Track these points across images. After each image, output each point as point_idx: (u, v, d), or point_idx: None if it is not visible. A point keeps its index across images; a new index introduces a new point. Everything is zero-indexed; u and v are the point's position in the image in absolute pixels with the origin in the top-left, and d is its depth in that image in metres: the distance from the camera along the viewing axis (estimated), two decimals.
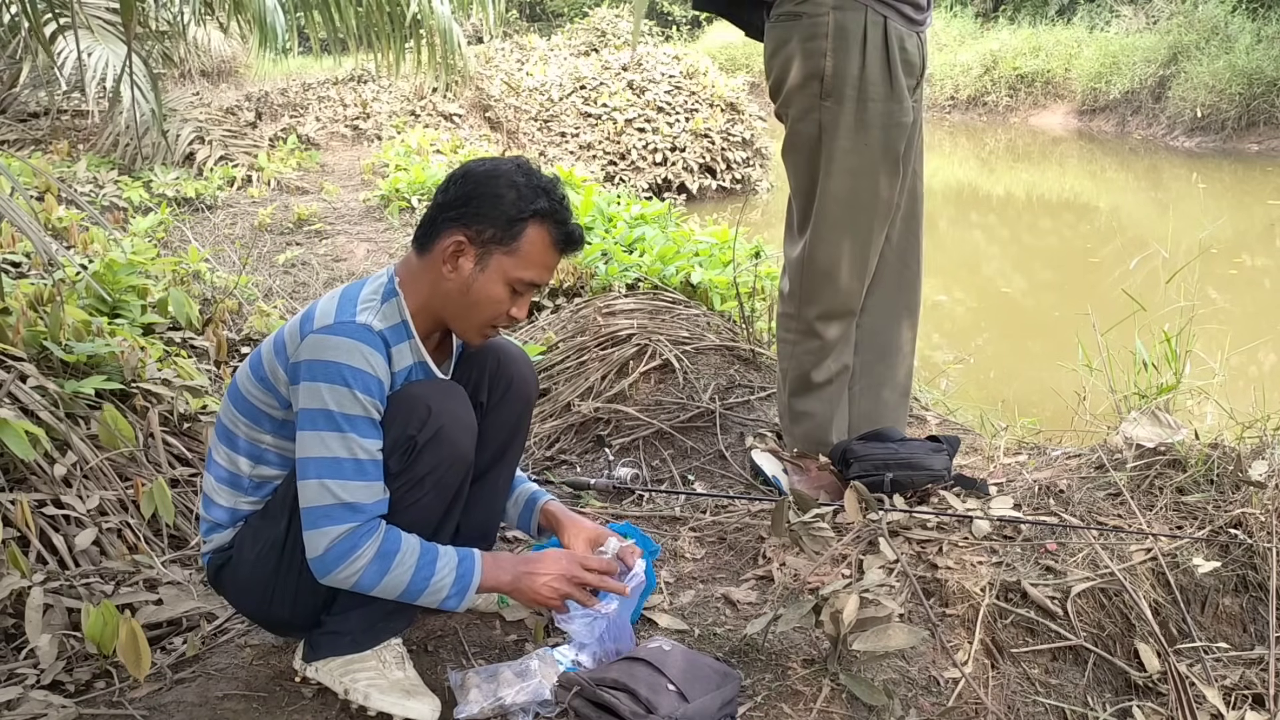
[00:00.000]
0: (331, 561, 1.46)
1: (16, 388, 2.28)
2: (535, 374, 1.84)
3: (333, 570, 1.47)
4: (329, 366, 1.48)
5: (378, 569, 1.47)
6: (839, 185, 2.16)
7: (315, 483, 1.47)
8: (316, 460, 1.47)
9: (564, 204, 1.60)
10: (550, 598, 1.60)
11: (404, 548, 1.49)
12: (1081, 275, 7.12)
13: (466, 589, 1.53)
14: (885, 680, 1.70)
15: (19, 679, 1.70)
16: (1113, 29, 15.00)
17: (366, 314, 1.55)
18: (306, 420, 1.49)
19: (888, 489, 2.19)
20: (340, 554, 1.46)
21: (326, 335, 1.50)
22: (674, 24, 23.53)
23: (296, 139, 8.43)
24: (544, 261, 1.60)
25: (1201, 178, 10.37)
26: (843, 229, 2.20)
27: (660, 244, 4.22)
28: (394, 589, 1.49)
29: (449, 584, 1.52)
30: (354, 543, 1.46)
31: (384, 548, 1.47)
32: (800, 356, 2.32)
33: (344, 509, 1.46)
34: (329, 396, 1.47)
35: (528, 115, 9.98)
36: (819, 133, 2.15)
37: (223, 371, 3.16)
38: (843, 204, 2.18)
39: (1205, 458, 2.19)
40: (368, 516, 1.48)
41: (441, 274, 1.59)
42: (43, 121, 7.60)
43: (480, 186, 1.57)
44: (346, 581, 1.48)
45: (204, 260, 4.23)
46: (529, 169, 1.60)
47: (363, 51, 4.83)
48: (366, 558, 1.46)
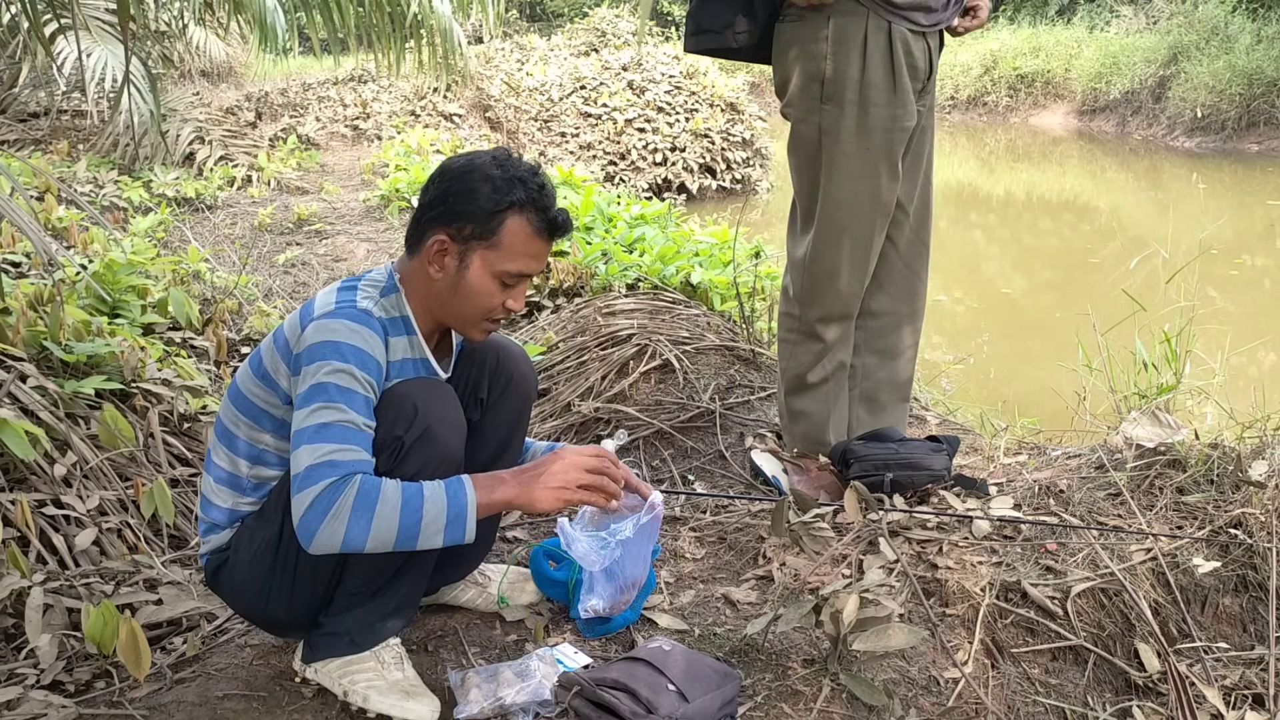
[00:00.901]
0: (313, 521, 1.38)
1: (16, 388, 2.28)
2: (534, 371, 1.84)
3: (316, 530, 1.38)
4: (327, 346, 1.48)
5: (361, 519, 1.38)
6: (840, 188, 2.16)
7: (301, 451, 1.42)
8: (306, 430, 1.43)
9: (543, 191, 1.59)
10: (563, 491, 1.49)
11: (384, 491, 1.40)
12: (1081, 275, 7.12)
13: (464, 513, 1.43)
14: (885, 680, 1.70)
15: (19, 679, 1.70)
16: (1113, 29, 15.01)
17: (366, 301, 1.56)
18: (302, 400, 1.47)
19: (888, 489, 2.19)
20: (319, 512, 1.38)
21: (327, 320, 1.51)
22: (674, 24, 23.53)
23: (296, 139, 8.44)
24: (528, 251, 1.59)
25: (1201, 178, 10.37)
26: (844, 231, 2.20)
27: (660, 244, 4.22)
28: (386, 536, 1.40)
29: (443, 514, 1.42)
30: (330, 497, 1.38)
31: (361, 496, 1.39)
32: (800, 357, 2.32)
33: (322, 467, 1.40)
34: (326, 374, 1.46)
35: (528, 115, 9.99)
36: (819, 135, 2.14)
37: (223, 371, 3.16)
38: (844, 207, 2.18)
39: (1205, 458, 2.19)
40: (344, 472, 1.40)
41: (430, 275, 1.59)
42: (43, 121, 7.60)
43: (455, 184, 1.57)
44: (334, 540, 1.39)
45: (204, 260, 4.24)
46: (505, 160, 1.59)
47: (363, 51, 4.83)
48: (346, 509, 1.38)
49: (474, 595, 1.92)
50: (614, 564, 1.59)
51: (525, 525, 2.30)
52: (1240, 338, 4.18)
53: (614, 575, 1.61)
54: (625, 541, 1.57)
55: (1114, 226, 9.05)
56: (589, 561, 1.58)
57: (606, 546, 1.56)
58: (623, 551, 1.57)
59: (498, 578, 1.93)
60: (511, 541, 2.21)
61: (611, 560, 1.57)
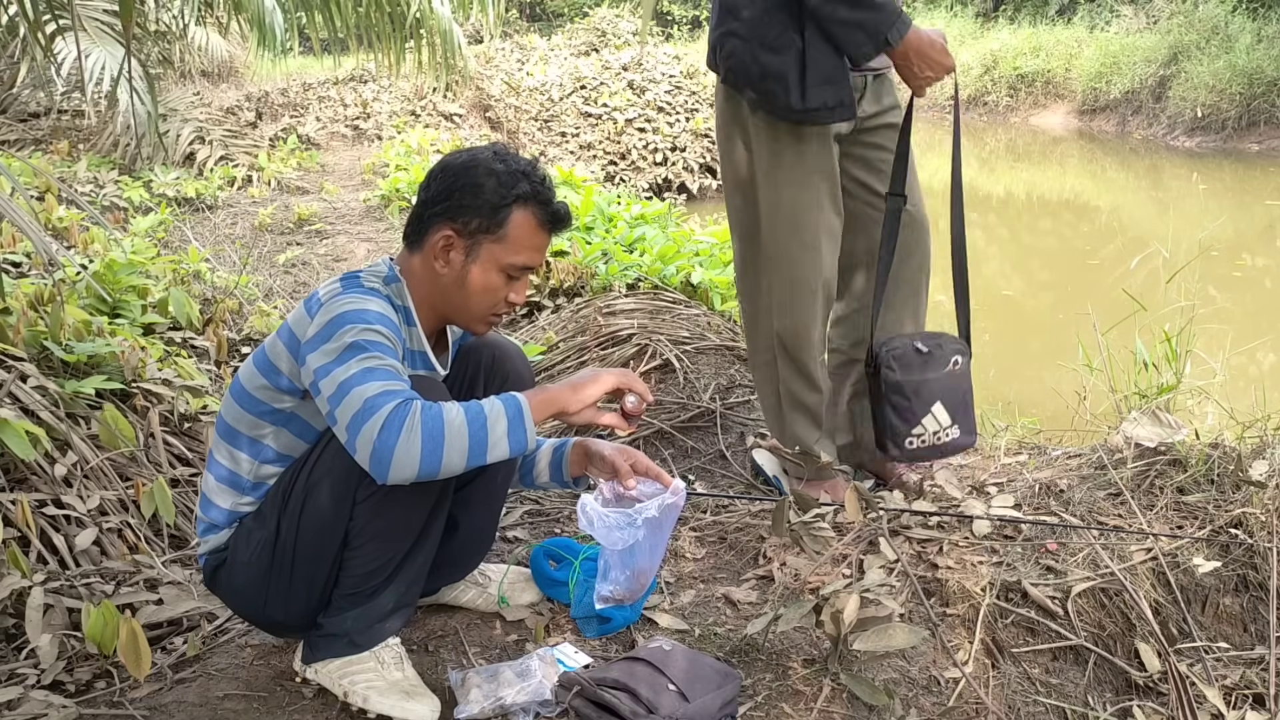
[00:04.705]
0: (388, 443, 1.34)
1: (17, 388, 2.28)
2: (531, 370, 1.84)
3: (392, 452, 1.34)
4: (343, 316, 1.47)
5: (434, 435, 1.36)
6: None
7: (347, 399, 1.39)
8: (351, 378, 1.40)
9: (545, 184, 1.60)
10: (600, 384, 1.51)
11: (446, 410, 1.39)
12: (1082, 275, 7.11)
13: (524, 424, 1.43)
14: (886, 680, 1.70)
15: (19, 679, 1.70)
16: (1113, 29, 14.99)
17: (372, 282, 1.57)
18: (338, 359, 1.43)
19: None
20: (392, 432, 1.34)
21: (338, 298, 1.51)
22: (674, 24, 23.53)
23: (297, 139, 8.44)
24: (533, 243, 1.61)
25: (1202, 178, 10.36)
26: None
27: (660, 244, 4.22)
28: (460, 448, 1.38)
29: (503, 418, 1.42)
30: (399, 418, 1.35)
31: (428, 416, 1.37)
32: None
33: (379, 397, 1.37)
34: (354, 335, 1.44)
35: (528, 115, 9.99)
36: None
37: (223, 371, 3.16)
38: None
39: (1206, 457, 2.19)
40: (404, 397, 1.39)
41: (435, 270, 1.60)
42: (43, 121, 7.61)
43: (460, 178, 1.58)
44: (411, 460, 1.35)
45: (204, 260, 4.24)
46: (506, 154, 1.61)
47: (363, 52, 4.84)
48: (417, 429, 1.35)
49: (474, 595, 1.92)
50: (632, 548, 1.55)
51: (525, 525, 2.30)
52: (1240, 338, 4.18)
53: (630, 561, 1.56)
54: (649, 520, 1.53)
55: (1114, 226, 9.04)
56: (611, 540, 1.54)
57: (631, 524, 1.53)
58: (645, 532, 1.53)
59: (498, 578, 1.93)
60: (511, 541, 2.21)
61: (634, 540, 1.54)
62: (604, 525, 1.54)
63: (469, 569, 1.90)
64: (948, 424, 2.15)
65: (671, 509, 1.59)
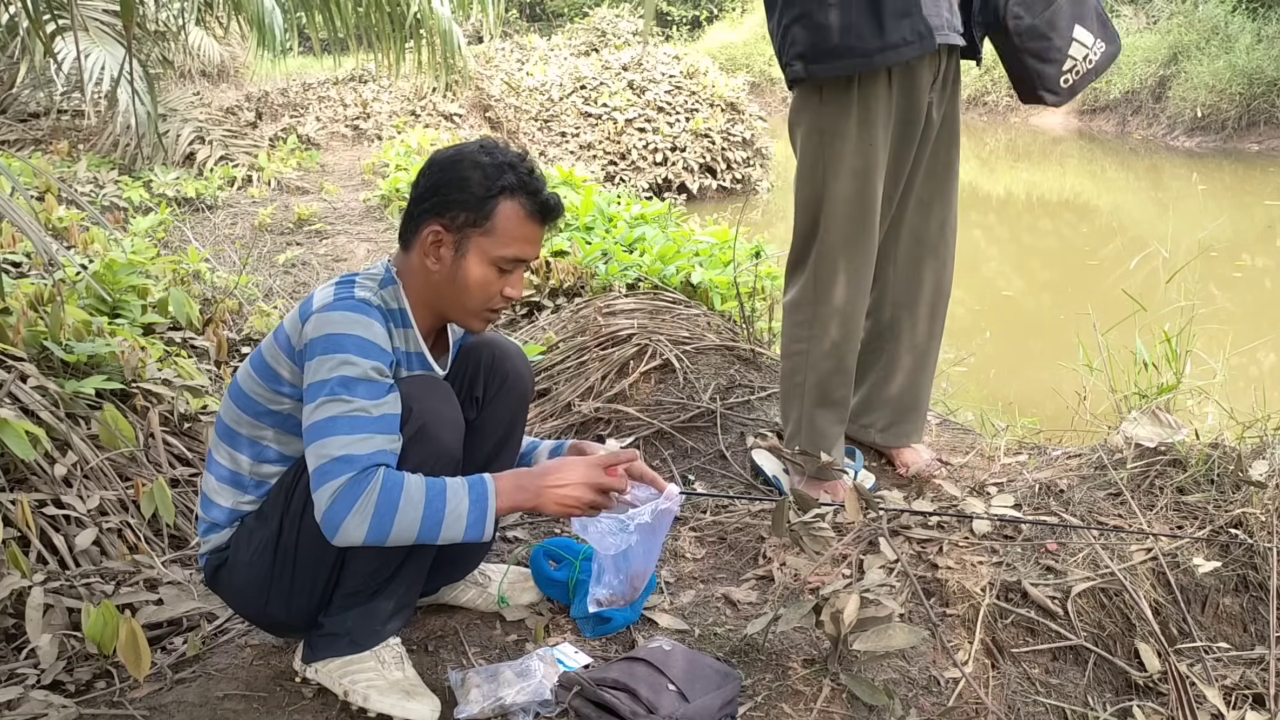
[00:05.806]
0: (338, 515, 1.40)
1: (17, 388, 2.28)
2: (531, 370, 1.84)
3: (340, 524, 1.40)
4: (329, 340, 1.49)
5: (385, 513, 1.40)
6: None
7: (313, 447, 1.44)
8: (315, 426, 1.45)
9: (533, 175, 1.60)
10: (576, 507, 1.51)
11: (407, 485, 1.43)
12: (1082, 275, 7.12)
13: (485, 513, 1.46)
14: (886, 680, 1.70)
15: (19, 679, 1.70)
16: None
17: (364, 293, 1.56)
18: (309, 395, 1.48)
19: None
20: (342, 506, 1.40)
21: (326, 313, 1.51)
22: (674, 24, 23.53)
23: (296, 139, 8.44)
24: (523, 235, 1.60)
25: (1201, 178, 10.37)
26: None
27: (660, 244, 4.22)
28: (408, 530, 1.42)
29: (465, 512, 1.44)
30: (354, 492, 1.40)
31: (385, 493, 1.41)
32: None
33: (338, 463, 1.41)
34: (328, 367, 1.47)
35: (528, 115, 9.99)
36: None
37: (223, 371, 3.16)
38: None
39: (1206, 457, 2.19)
40: (363, 465, 1.42)
41: (427, 267, 1.60)
42: (43, 121, 7.61)
43: (446, 173, 1.58)
44: (358, 534, 1.41)
45: (204, 260, 4.24)
46: (493, 147, 1.60)
47: (363, 52, 4.83)
48: (370, 504, 1.40)
49: (474, 595, 1.92)
50: (625, 552, 1.57)
51: (525, 525, 2.30)
52: (1241, 338, 4.18)
53: (623, 565, 1.59)
54: (642, 526, 1.55)
55: (1114, 226, 9.05)
56: (604, 545, 1.56)
57: (624, 530, 1.55)
58: (639, 538, 1.55)
59: (498, 578, 1.93)
60: (511, 541, 2.21)
61: (627, 545, 1.56)
62: (597, 530, 1.56)
63: (469, 569, 1.91)
64: (1092, 42, 2.06)
65: (665, 514, 1.60)
